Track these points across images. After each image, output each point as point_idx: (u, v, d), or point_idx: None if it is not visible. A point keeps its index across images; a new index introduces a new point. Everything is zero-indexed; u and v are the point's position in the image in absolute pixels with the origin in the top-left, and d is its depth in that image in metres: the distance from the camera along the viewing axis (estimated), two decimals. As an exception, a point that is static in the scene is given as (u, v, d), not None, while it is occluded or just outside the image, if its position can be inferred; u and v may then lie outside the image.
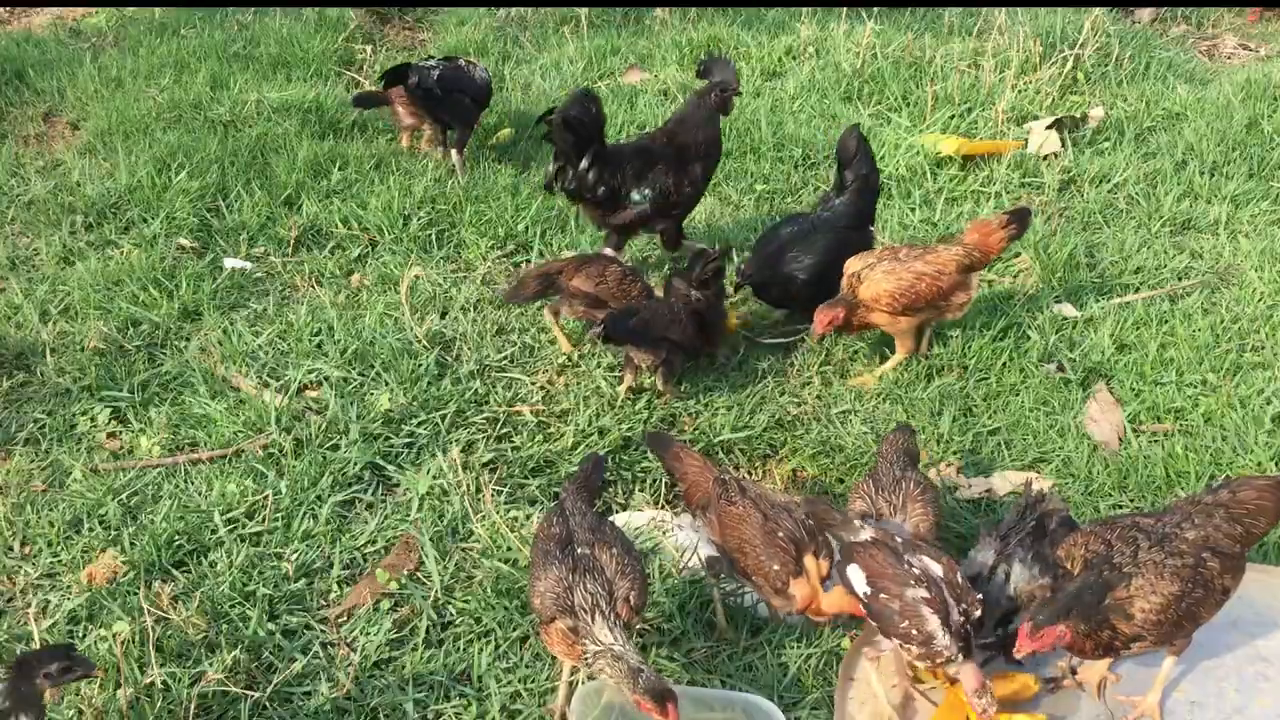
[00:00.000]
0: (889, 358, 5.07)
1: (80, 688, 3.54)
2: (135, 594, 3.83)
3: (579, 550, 3.45)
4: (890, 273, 4.83)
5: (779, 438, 4.71)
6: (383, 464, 4.50)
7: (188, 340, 5.25)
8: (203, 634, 3.76)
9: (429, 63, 6.59)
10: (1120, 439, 4.71)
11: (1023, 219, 5.05)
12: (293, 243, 5.99)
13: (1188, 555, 3.29)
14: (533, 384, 4.92)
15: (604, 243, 5.67)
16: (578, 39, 8.41)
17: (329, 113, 7.21)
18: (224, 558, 4.05)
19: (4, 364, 5.06)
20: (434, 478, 4.38)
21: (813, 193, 6.45)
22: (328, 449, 4.53)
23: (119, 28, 8.68)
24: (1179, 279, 5.72)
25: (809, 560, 3.58)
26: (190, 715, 3.49)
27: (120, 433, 4.73)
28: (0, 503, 4.30)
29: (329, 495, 4.33)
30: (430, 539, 4.12)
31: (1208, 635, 3.47)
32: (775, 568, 3.57)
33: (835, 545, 3.55)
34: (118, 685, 3.51)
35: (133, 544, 4.09)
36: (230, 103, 7.23)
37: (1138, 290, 5.61)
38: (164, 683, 3.55)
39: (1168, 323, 5.33)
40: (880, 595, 3.33)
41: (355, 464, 4.45)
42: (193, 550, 4.11)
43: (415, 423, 4.65)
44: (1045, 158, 6.79)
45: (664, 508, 4.42)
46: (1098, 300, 5.51)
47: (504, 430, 4.67)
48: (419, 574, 4.05)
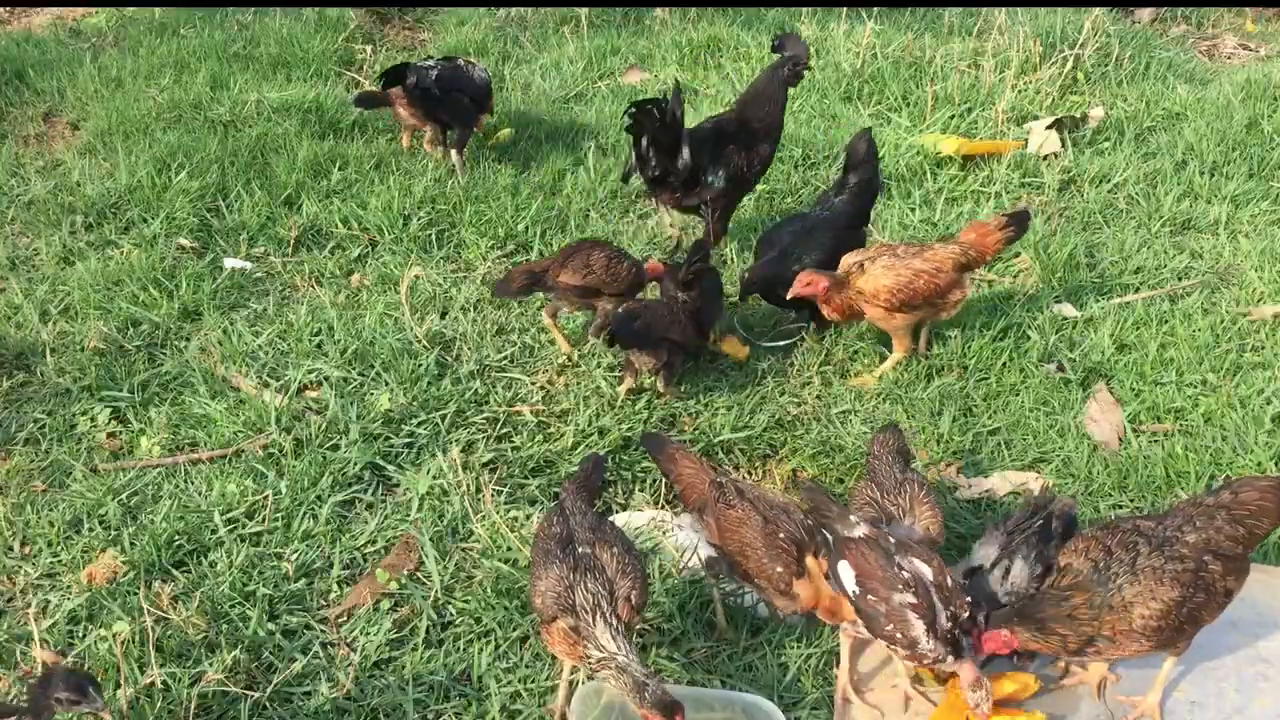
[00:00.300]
0: (888, 357, 5.08)
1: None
2: (135, 594, 3.83)
3: (580, 550, 3.44)
4: (890, 268, 4.83)
5: (779, 438, 4.71)
6: (383, 464, 4.50)
7: (188, 340, 5.25)
8: (203, 634, 3.76)
9: (428, 63, 6.58)
10: (1120, 439, 4.71)
11: (1021, 222, 5.07)
12: (293, 243, 5.99)
13: (1189, 559, 3.29)
14: (533, 384, 4.92)
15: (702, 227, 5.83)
16: (578, 39, 8.41)
17: (329, 113, 7.21)
18: (224, 558, 4.05)
19: (4, 364, 5.06)
20: (434, 478, 4.38)
21: (812, 193, 6.45)
22: (328, 449, 4.53)
23: (119, 28, 8.67)
24: (1179, 279, 5.72)
25: (811, 560, 3.57)
26: (190, 715, 3.49)
27: (120, 433, 4.74)
28: (0, 502, 4.30)
29: (329, 495, 4.33)
30: (430, 539, 4.12)
31: (1208, 636, 3.47)
32: (778, 569, 3.56)
33: (829, 538, 3.54)
34: (118, 685, 3.51)
35: (133, 544, 4.09)
36: (230, 103, 7.23)
37: (1138, 290, 5.61)
38: (164, 683, 3.55)
39: (1168, 323, 5.33)
40: (868, 596, 3.33)
41: (355, 464, 4.46)
42: (193, 550, 4.11)
43: (415, 423, 4.65)
44: (1045, 158, 6.79)
45: (664, 508, 4.42)
46: (1098, 300, 5.51)
47: (504, 430, 4.67)
48: (419, 574, 4.05)
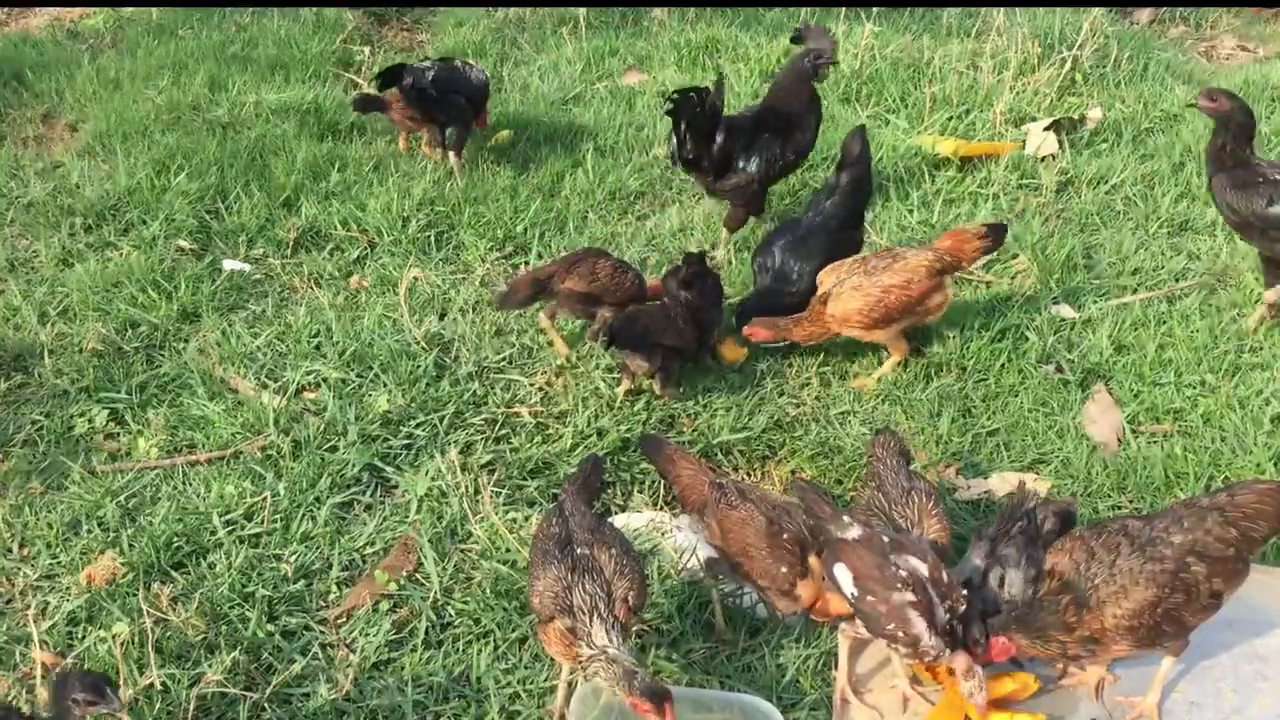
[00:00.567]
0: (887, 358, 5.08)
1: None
2: (134, 595, 3.83)
3: (578, 550, 3.45)
4: (858, 289, 4.83)
5: (778, 439, 4.71)
6: (381, 465, 4.50)
7: (186, 342, 5.25)
8: (202, 635, 3.76)
9: (425, 64, 6.57)
10: (1119, 440, 4.71)
11: (998, 234, 5.09)
12: (291, 244, 5.99)
13: (1169, 560, 3.28)
14: (531, 385, 4.92)
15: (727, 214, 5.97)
16: (576, 40, 8.41)
17: (327, 114, 7.20)
18: (223, 559, 4.05)
19: (2, 365, 5.06)
20: (432, 479, 4.38)
21: (811, 195, 6.44)
22: (326, 450, 4.53)
23: (117, 29, 8.66)
24: (1177, 280, 5.73)
25: (814, 560, 3.57)
26: (189, 716, 3.49)
27: (118, 434, 4.74)
28: (-1, 504, 4.31)
29: (327, 497, 4.33)
30: (429, 540, 4.12)
31: (1205, 636, 3.47)
32: (782, 570, 3.55)
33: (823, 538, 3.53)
34: (117, 687, 3.50)
35: (131, 545, 4.09)
36: (229, 104, 7.22)
37: (1135, 291, 5.61)
38: (163, 684, 3.55)
39: (1166, 323, 5.34)
40: (867, 598, 3.33)
41: (354, 465, 4.45)
42: (191, 552, 4.11)
43: (414, 424, 4.65)
44: (1043, 159, 6.78)
45: (663, 509, 4.42)
46: (1095, 301, 5.51)
47: (502, 432, 4.67)
48: (418, 575, 4.05)
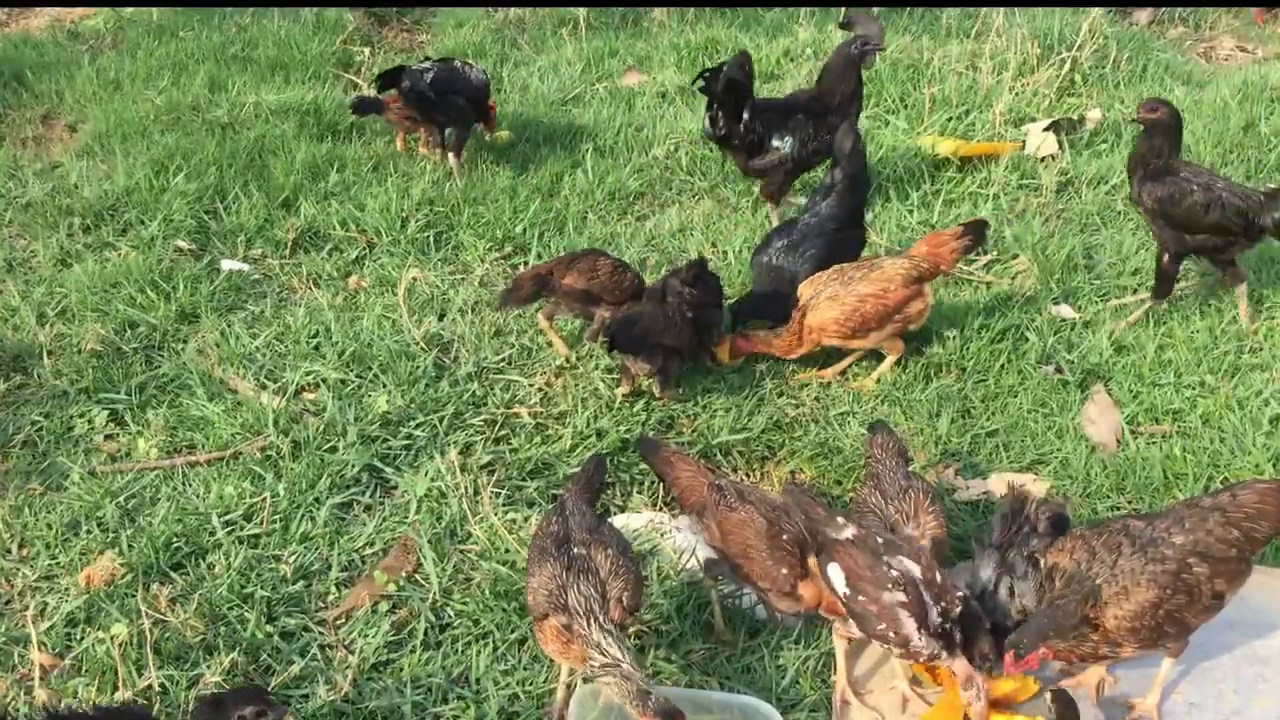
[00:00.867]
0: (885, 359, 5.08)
1: (78, 690, 3.55)
2: (133, 596, 3.83)
3: (575, 550, 3.45)
4: (834, 299, 4.83)
5: (777, 439, 4.71)
6: (381, 466, 4.49)
7: (185, 342, 5.24)
8: (201, 636, 3.75)
9: (424, 65, 6.57)
10: (1118, 440, 4.71)
11: (978, 231, 5.06)
12: (290, 245, 5.99)
13: (1170, 561, 3.27)
14: (531, 386, 4.92)
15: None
16: (576, 41, 8.41)
17: (327, 115, 7.20)
18: (222, 560, 4.05)
19: (1, 366, 5.05)
20: (432, 480, 4.38)
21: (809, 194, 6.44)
22: (325, 451, 4.53)
23: (117, 30, 8.67)
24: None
25: (814, 560, 3.57)
26: (188, 718, 3.48)
27: (118, 435, 4.73)
28: (-2, 505, 4.30)
29: (327, 497, 4.33)
30: (428, 541, 4.11)
31: (1206, 637, 3.47)
32: (783, 571, 3.55)
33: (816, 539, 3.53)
34: (115, 688, 3.51)
35: (131, 546, 4.08)
36: (228, 105, 7.23)
37: (1135, 292, 5.61)
38: (162, 685, 3.55)
39: (1165, 324, 5.34)
40: (859, 597, 3.33)
41: (353, 466, 4.45)
42: (191, 552, 4.11)
43: (413, 425, 4.65)
44: (1043, 159, 6.78)
45: (662, 510, 4.41)
46: (1095, 302, 5.51)
47: (502, 432, 4.67)
48: (417, 576, 4.04)
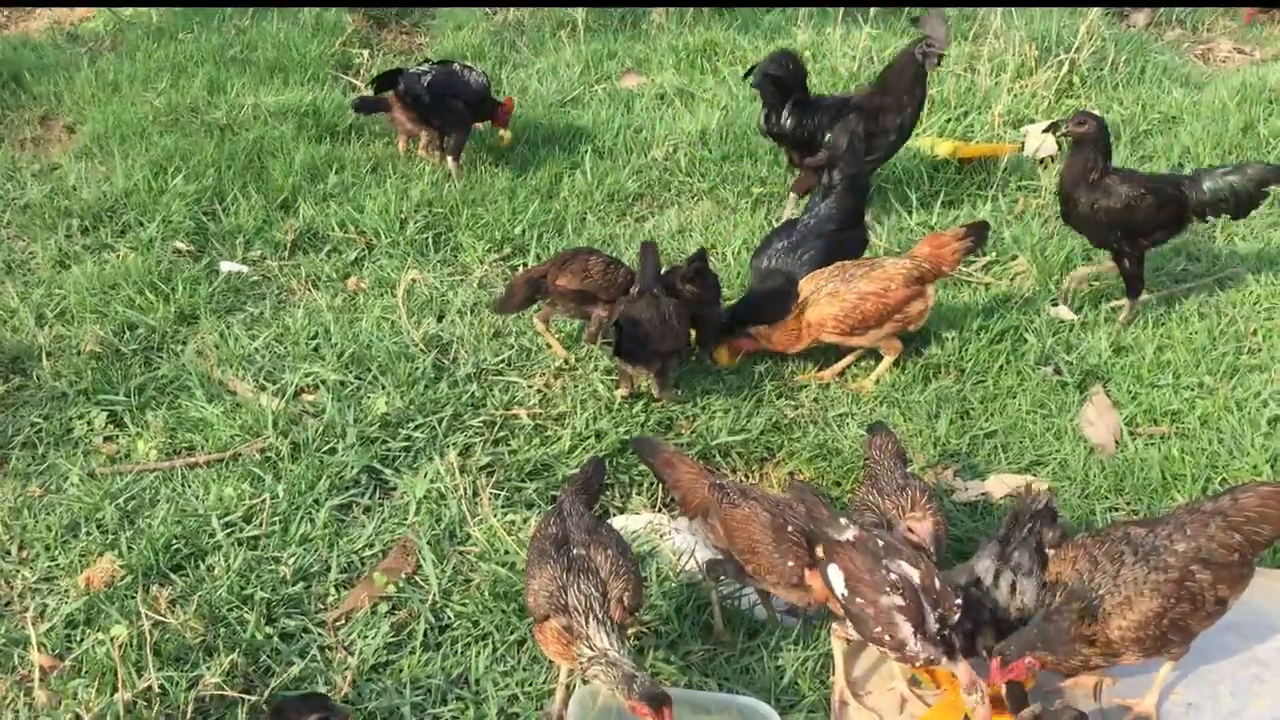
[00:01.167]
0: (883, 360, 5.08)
1: (78, 691, 3.55)
2: (133, 598, 3.82)
3: (574, 551, 3.45)
4: (834, 295, 4.83)
5: (776, 441, 4.71)
6: (380, 467, 4.49)
7: (184, 344, 5.24)
8: (200, 638, 3.75)
9: (422, 67, 6.56)
10: (1117, 442, 4.71)
11: (980, 232, 5.06)
12: (289, 246, 5.99)
13: (1173, 569, 3.27)
14: (529, 387, 4.92)
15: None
16: (574, 43, 8.41)
17: (326, 116, 7.20)
18: (221, 561, 4.05)
19: (0, 368, 5.05)
20: (431, 481, 4.38)
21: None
22: (325, 452, 4.53)
23: (116, 32, 8.66)
24: (1175, 282, 5.73)
25: (821, 550, 3.57)
26: (188, 719, 3.49)
27: (117, 437, 4.73)
28: (-3, 507, 4.30)
29: (326, 499, 4.33)
30: (428, 542, 4.11)
31: (1204, 638, 3.46)
32: (790, 564, 3.56)
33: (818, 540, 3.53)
34: (115, 689, 3.50)
35: (130, 548, 4.08)
36: (227, 106, 7.22)
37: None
38: (161, 686, 3.54)
39: (1164, 325, 5.34)
40: (857, 599, 3.34)
41: (352, 467, 4.45)
42: (190, 554, 4.10)
43: (412, 426, 4.64)
44: (1041, 161, 6.80)
45: (661, 511, 4.42)
46: (1094, 304, 5.51)
47: (501, 434, 4.67)
48: (416, 577, 4.04)
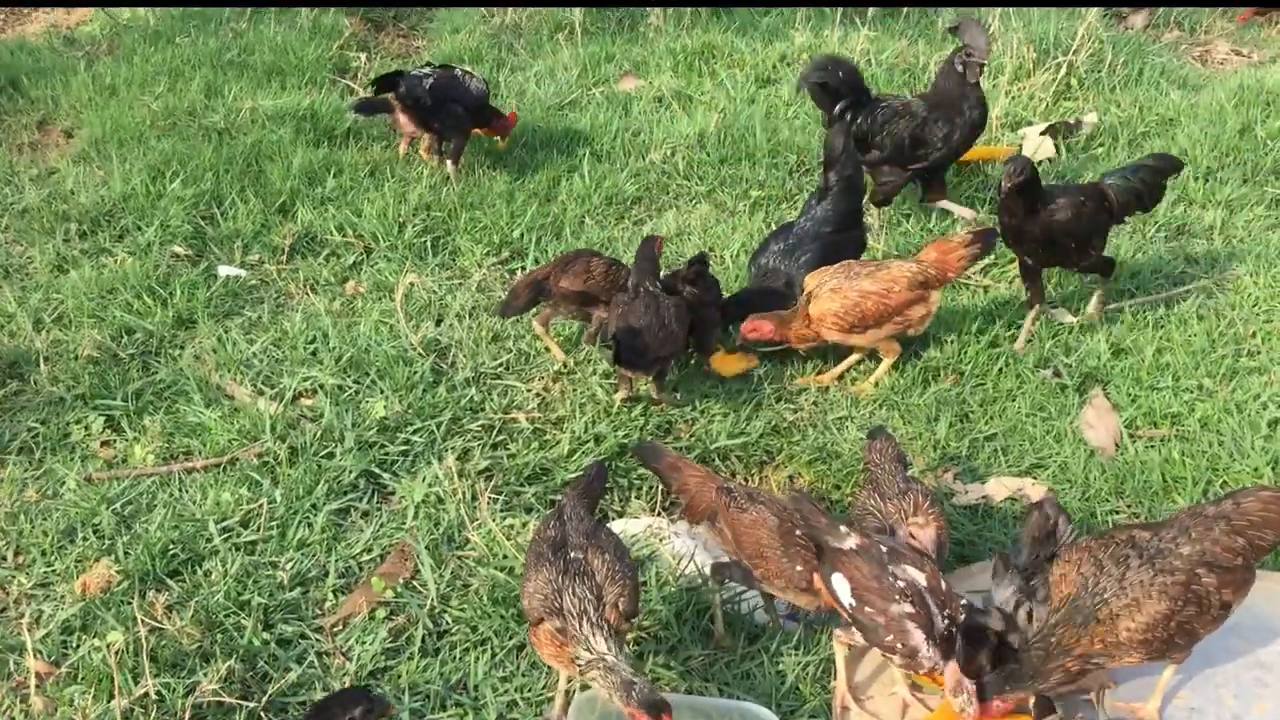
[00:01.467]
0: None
1: (74, 698, 3.53)
2: (129, 603, 3.81)
3: (571, 554, 3.44)
4: (836, 291, 4.82)
5: (775, 444, 4.70)
6: (378, 472, 4.48)
7: (182, 348, 5.23)
8: (197, 644, 3.74)
9: (423, 70, 6.55)
10: (1117, 444, 4.71)
11: (988, 240, 5.03)
12: (287, 250, 5.98)
13: (1179, 573, 3.26)
14: (528, 391, 4.91)
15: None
16: (572, 46, 8.41)
17: (324, 120, 7.19)
18: (219, 567, 4.04)
19: (-3, 373, 5.05)
20: (429, 485, 4.37)
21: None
22: (323, 457, 4.52)
23: (113, 36, 8.67)
24: (1174, 284, 5.72)
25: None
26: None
27: (114, 441, 4.72)
28: (-7, 512, 4.29)
29: (324, 503, 4.32)
30: (426, 547, 4.10)
31: (1207, 642, 3.45)
32: (798, 568, 3.55)
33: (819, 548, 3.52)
34: (112, 696, 3.49)
35: (127, 553, 4.07)
36: (225, 110, 7.22)
37: (1133, 295, 5.61)
38: (158, 693, 3.53)
39: (1163, 328, 5.34)
40: (866, 609, 3.31)
41: (350, 472, 4.44)
42: (187, 559, 4.09)
43: (411, 430, 4.63)
44: (1039, 163, 6.79)
45: (660, 515, 4.41)
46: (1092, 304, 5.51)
47: (500, 438, 4.66)
48: (415, 582, 4.03)
